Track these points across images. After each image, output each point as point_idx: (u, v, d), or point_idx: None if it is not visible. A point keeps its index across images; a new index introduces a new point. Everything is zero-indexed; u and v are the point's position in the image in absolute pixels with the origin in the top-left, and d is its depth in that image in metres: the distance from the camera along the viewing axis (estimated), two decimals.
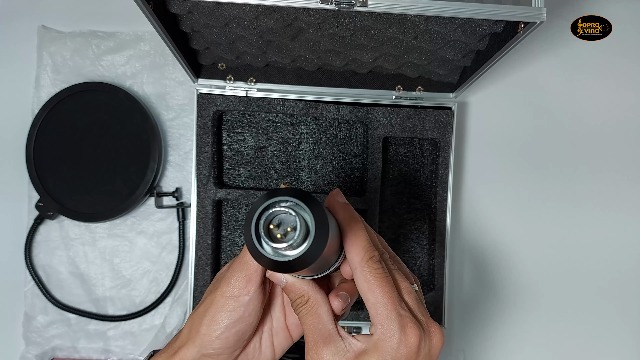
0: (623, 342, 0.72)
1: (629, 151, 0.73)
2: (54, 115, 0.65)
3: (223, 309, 0.37)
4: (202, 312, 0.38)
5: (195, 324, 0.38)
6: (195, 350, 0.38)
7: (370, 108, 0.64)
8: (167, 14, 0.50)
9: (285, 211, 0.30)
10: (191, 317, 0.39)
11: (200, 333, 0.38)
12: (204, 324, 0.38)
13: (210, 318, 0.38)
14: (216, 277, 0.41)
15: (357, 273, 0.35)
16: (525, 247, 0.72)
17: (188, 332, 0.39)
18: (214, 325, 0.37)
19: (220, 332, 0.37)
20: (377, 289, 0.34)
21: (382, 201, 0.67)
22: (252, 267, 0.37)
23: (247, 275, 0.37)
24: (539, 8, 0.42)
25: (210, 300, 0.38)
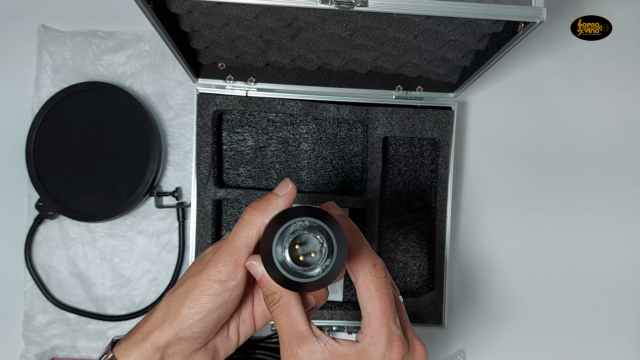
0: (623, 342, 0.72)
1: (629, 151, 0.73)
2: (54, 114, 0.65)
3: (207, 292, 0.37)
4: (183, 294, 0.37)
5: (174, 306, 0.37)
6: (172, 333, 0.37)
7: (370, 108, 0.64)
8: (167, 13, 0.50)
9: (307, 233, 0.30)
10: (167, 299, 0.38)
11: (180, 315, 0.37)
12: (186, 306, 0.37)
13: (193, 300, 0.37)
14: (198, 259, 0.40)
15: (360, 281, 0.35)
16: (526, 246, 0.72)
17: (164, 315, 0.38)
18: (197, 307, 0.37)
19: (202, 316, 0.37)
20: (376, 301, 0.34)
21: (382, 201, 0.67)
22: (242, 253, 0.37)
23: (236, 260, 0.37)
24: (539, 8, 0.42)
25: (193, 283, 0.37)
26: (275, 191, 0.38)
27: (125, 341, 0.38)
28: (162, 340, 0.37)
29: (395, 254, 0.68)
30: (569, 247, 0.72)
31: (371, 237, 0.64)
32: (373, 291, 0.34)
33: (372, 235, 0.64)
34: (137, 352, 0.37)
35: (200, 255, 0.40)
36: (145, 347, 0.37)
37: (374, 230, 0.64)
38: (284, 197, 0.37)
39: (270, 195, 0.38)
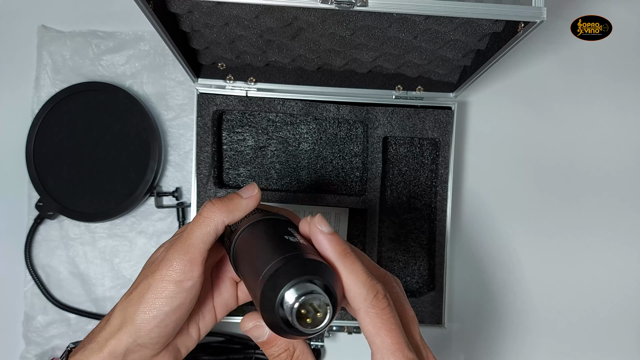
0: (622, 343, 0.72)
1: (629, 150, 0.73)
2: (54, 115, 0.65)
3: (162, 294, 0.35)
4: (137, 299, 0.35)
5: (129, 311, 0.35)
6: (129, 340, 0.35)
7: (370, 108, 0.64)
8: (167, 13, 0.50)
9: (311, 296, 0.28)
10: (122, 304, 0.36)
11: (136, 322, 0.35)
12: (141, 312, 0.35)
13: (149, 305, 0.35)
14: (150, 260, 0.38)
15: (361, 314, 0.30)
16: (526, 246, 0.72)
17: (120, 322, 0.35)
18: (153, 312, 0.35)
19: (159, 320, 0.35)
20: (385, 334, 0.30)
21: (382, 201, 0.67)
22: (198, 250, 0.35)
23: (192, 259, 0.35)
24: (539, 8, 0.42)
25: (147, 285, 0.35)
26: (240, 192, 0.37)
27: (81, 351, 0.36)
28: (120, 348, 0.35)
29: (396, 254, 0.68)
30: (570, 247, 0.72)
31: (371, 237, 0.64)
32: (379, 324, 0.30)
33: (372, 235, 0.64)
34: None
35: (153, 255, 0.38)
36: (102, 356, 0.35)
37: (374, 230, 0.64)
38: (247, 200, 0.37)
39: (233, 196, 0.37)
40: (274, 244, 0.32)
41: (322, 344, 0.67)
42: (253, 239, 0.35)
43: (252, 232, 0.36)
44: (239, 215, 0.37)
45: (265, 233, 0.35)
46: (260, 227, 0.36)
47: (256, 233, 0.35)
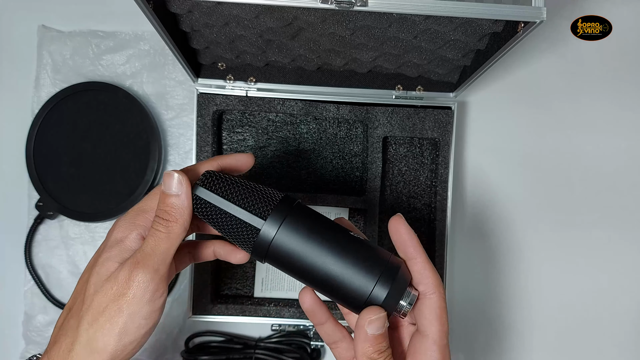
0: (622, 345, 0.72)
1: (629, 150, 0.73)
2: (54, 114, 0.65)
3: (137, 317, 0.33)
4: (107, 325, 0.33)
5: (99, 340, 0.33)
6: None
7: (370, 108, 0.64)
8: (167, 13, 0.50)
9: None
10: (86, 330, 0.33)
11: (110, 350, 0.33)
12: (115, 340, 0.33)
13: (123, 331, 0.33)
14: (103, 278, 0.34)
15: (434, 299, 0.36)
16: (526, 246, 0.72)
17: (88, 351, 0.33)
18: (129, 337, 0.33)
19: (137, 343, 0.34)
20: (444, 320, 0.36)
21: (382, 201, 0.67)
22: (166, 266, 0.34)
23: (162, 275, 0.34)
24: (539, 8, 0.42)
25: (117, 309, 0.33)
26: (167, 192, 0.35)
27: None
28: None
29: (396, 254, 0.68)
30: (571, 247, 0.72)
31: (371, 236, 0.64)
32: (441, 312, 0.36)
33: (372, 235, 0.64)
34: None
35: (105, 270, 0.35)
36: None
37: (374, 230, 0.64)
38: (183, 192, 0.35)
39: (168, 200, 0.35)
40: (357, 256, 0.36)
41: (322, 344, 0.67)
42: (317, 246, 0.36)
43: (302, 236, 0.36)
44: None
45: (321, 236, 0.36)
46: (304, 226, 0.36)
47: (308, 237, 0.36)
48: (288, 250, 0.35)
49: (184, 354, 0.65)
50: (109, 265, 0.35)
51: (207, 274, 0.64)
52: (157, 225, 0.35)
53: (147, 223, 0.36)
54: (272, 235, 0.35)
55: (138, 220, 0.37)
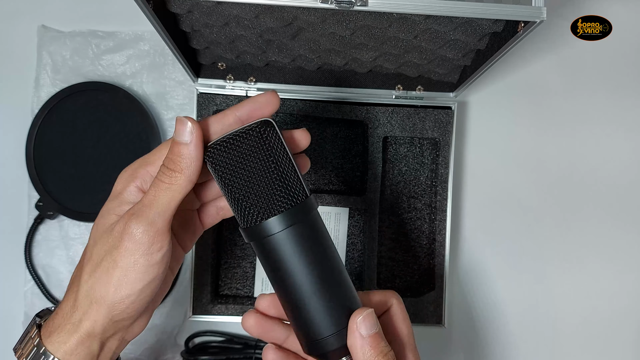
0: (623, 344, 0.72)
1: (629, 149, 0.73)
2: (53, 114, 0.65)
3: (132, 270, 0.32)
4: (105, 278, 0.33)
5: (97, 291, 0.33)
6: (105, 320, 0.33)
7: (370, 107, 0.64)
8: (167, 13, 0.50)
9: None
10: (87, 283, 0.34)
11: (107, 302, 0.33)
12: (112, 292, 0.33)
13: (118, 284, 0.32)
14: (103, 229, 0.34)
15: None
16: (527, 246, 0.72)
17: (89, 302, 0.33)
18: (125, 290, 0.33)
19: (134, 298, 0.33)
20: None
21: (382, 201, 0.67)
22: (165, 219, 0.32)
23: (159, 229, 0.32)
24: (539, 7, 0.42)
25: (112, 262, 0.32)
26: (177, 139, 0.33)
27: (57, 332, 0.34)
28: (97, 329, 0.34)
29: (396, 254, 0.68)
30: (571, 245, 0.72)
31: (371, 236, 0.64)
32: (404, 317, 0.39)
33: (372, 235, 0.64)
34: (72, 345, 0.34)
35: (104, 222, 0.34)
36: (81, 338, 0.34)
37: (374, 230, 0.64)
38: (193, 142, 0.33)
39: (177, 148, 0.33)
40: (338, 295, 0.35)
41: None
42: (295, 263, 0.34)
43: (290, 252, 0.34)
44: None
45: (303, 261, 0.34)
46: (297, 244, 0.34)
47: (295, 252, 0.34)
48: (283, 250, 0.34)
49: (184, 354, 0.65)
50: (107, 218, 0.34)
51: (207, 274, 0.64)
52: (161, 175, 0.33)
53: (146, 175, 0.35)
54: (276, 230, 0.33)
55: (138, 172, 0.35)
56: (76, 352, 0.34)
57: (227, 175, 0.33)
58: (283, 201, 0.33)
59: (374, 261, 0.64)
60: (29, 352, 0.34)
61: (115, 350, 0.37)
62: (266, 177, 0.33)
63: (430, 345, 0.70)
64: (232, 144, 0.33)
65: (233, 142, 0.33)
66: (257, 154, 0.33)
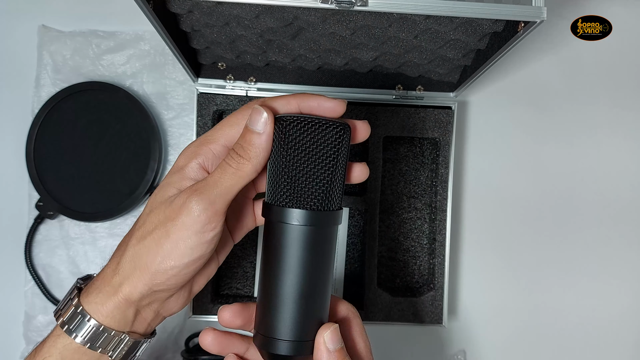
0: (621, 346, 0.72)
1: (629, 149, 0.73)
2: (54, 114, 0.65)
3: (183, 244, 0.33)
4: (154, 246, 0.33)
5: (143, 257, 0.34)
6: (145, 288, 0.34)
7: (371, 107, 0.64)
8: (167, 13, 0.50)
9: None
10: (134, 248, 0.34)
11: (151, 270, 0.33)
12: (157, 260, 0.33)
13: (166, 254, 0.33)
14: (162, 199, 0.35)
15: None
16: (527, 245, 0.72)
17: (132, 267, 0.34)
18: (170, 262, 0.33)
19: (177, 271, 0.34)
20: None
21: (382, 201, 0.67)
22: (225, 202, 0.33)
23: (217, 210, 0.33)
24: (539, 7, 0.42)
25: (165, 232, 0.33)
26: (251, 127, 0.34)
27: (95, 293, 0.35)
28: (135, 295, 0.34)
29: (396, 254, 0.68)
30: (571, 244, 0.72)
31: (371, 236, 0.64)
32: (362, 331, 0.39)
33: (372, 235, 0.64)
34: (109, 307, 0.35)
35: (165, 193, 0.35)
36: (118, 301, 0.34)
37: (375, 230, 0.64)
38: (266, 133, 0.34)
39: (249, 136, 0.34)
40: (317, 306, 0.36)
41: None
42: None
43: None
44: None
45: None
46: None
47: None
48: (289, 242, 0.34)
49: (184, 353, 0.65)
50: (167, 190, 0.35)
51: None
52: (229, 160, 0.34)
53: (208, 153, 0.36)
54: (294, 222, 0.34)
55: (201, 149, 0.36)
56: (112, 315, 0.35)
57: (286, 149, 0.34)
58: (317, 201, 0.34)
59: (374, 261, 0.64)
60: (67, 312, 0.35)
61: (150, 322, 0.37)
62: (318, 173, 0.34)
63: (429, 345, 0.70)
64: (311, 128, 0.34)
65: (313, 126, 0.34)
66: (325, 149, 0.34)
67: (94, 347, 0.35)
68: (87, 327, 0.35)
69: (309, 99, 0.36)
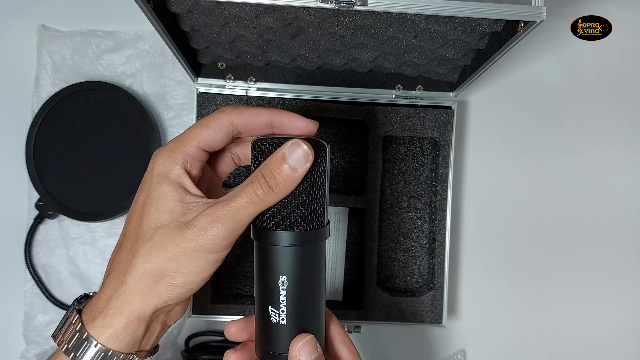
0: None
1: (629, 149, 0.73)
2: (53, 114, 0.65)
3: (203, 263, 0.33)
4: (171, 264, 0.33)
5: (158, 273, 0.33)
6: (160, 302, 0.34)
7: (370, 107, 0.64)
8: (167, 13, 0.50)
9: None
10: (143, 265, 0.33)
11: (172, 284, 0.33)
12: (178, 276, 0.33)
13: (187, 271, 0.33)
14: (170, 214, 0.34)
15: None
16: (527, 245, 0.72)
17: (143, 283, 0.33)
18: (191, 278, 0.33)
19: (197, 285, 0.34)
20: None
21: (382, 200, 0.67)
22: (243, 224, 0.33)
23: (236, 229, 0.33)
24: (539, 7, 0.42)
25: (182, 253, 0.33)
26: (292, 164, 0.33)
27: (100, 317, 0.34)
28: (148, 311, 0.34)
29: (395, 254, 0.68)
30: (571, 243, 0.72)
31: (371, 236, 0.64)
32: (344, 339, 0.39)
33: (372, 234, 0.64)
34: (118, 329, 0.33)
35: (167, 206, 0.34)
36: (129, 321, 0.34)
37: (374, 230, 0.64)
38: (303, 172, 0.33)
39: (287, 171, 0.33)
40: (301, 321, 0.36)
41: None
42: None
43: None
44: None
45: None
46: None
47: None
48: (279, 262, 0.35)
49: (184, 353, 0.65)
50: (162, 204, 0.34)
51: None
52: (257, 187, 0.33)
53: (187, 156, 0.36)
54: (283, 243, 0.34)
55: (178, 153, 0.36)
56: (122, 337, 0.34)
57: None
58: (301, 222, 0.35)
59: (373, 261, 0.64)
60: (70, 338, 0.34)
61: (157, 335, 0.37)
62: (300, 195, 0.34)
63: (429, 345, 0.70)
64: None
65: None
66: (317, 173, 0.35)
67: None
68: (94, 353, 0.33)
69: (282, 114, 0.37)
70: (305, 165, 0.33)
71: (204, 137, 0.36)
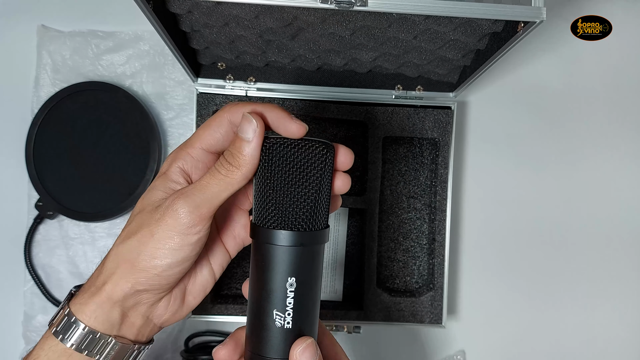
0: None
1: (628, 149, 0.73)
2: (53, 114, 0.65)
3: (166, 245, 0.33)
4: (136, 246, 0.34)
5: (127, 256, 0.34)
6: (127, 285, 0.34)
7: (370, 107, 0.64)
8: (167, 13, 0.50)
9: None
10: (117, 249, 0.35)
11: (137, 268, 0.34)
12: (142, 260, 0.34)
13: (149, 254, 0.34)
14: (150, 201, 0.35)
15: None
16: (527, 245, 0.72)
17: (115, 265, 0.35)
18: (154, 261, 0.34)
19: (160, 270, 0.34)
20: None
21: (382, 201, 0.67)
22: (212, 207, 0.34)
23: (203, 214, 0.33)
24: (539, 7, 0.42)
25: (148, 232, 0.34)
26: (241, 135, 0.34)
27: (81, 295, 0.36)
28: (117, 294, 0.34)
29: (395, 254, 0.68)
30: (571, 242, 0.72)
31: (371, 236, 0.64)
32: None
33: (372, 235, 0.64)
34: (92, 307, 0.35)
35: (151, 196, 0.36)
36: (101, 300, 0.35)
37: (374, 230, 0.64)
38: (255, 141, 0.34)
39: (239, 144, 0.34)
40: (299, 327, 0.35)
41: None
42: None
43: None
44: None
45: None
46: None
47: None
48: (277, 262, 0.34)
49: (183, 353, 0.65)
50: (154, 193, 0.36)
51: None
52: (219, 166, 0.34)
53: (187, 157, 0.36)
54: (282, 243, 0.34)
55: (180, 154, 0.37)
56: (95, 315, 0.35)
57: (270, 170, 0.34)
58: (303, 222, 0.34)
59: (373, 261, 0.64)
60: (59, 320, 0.35)
61: (140, 328, 0.37)
62: (303, 195, 0.34)
63: (429, 346, 0.70)
64: (295, 148, 0.34)
65: (297, 147, 0.35)
66: (309, 170, 0.34)
67: (79, 349, 0.34)
68: (72, 328, 0.34)
69: (273, 110, 0.36)
70: (255, 134, 0.34)
71: (205, 138, 0.37)
